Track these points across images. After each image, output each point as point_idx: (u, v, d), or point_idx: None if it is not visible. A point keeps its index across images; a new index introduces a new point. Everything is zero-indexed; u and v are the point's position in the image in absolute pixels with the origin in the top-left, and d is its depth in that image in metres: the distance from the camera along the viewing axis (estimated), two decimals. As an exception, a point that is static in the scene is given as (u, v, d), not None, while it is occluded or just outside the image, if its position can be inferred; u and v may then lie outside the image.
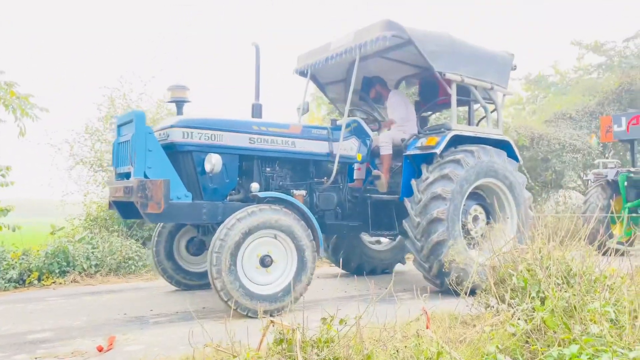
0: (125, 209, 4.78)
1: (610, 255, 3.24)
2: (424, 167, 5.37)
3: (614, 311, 2.61)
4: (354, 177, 6.04)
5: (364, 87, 6.47)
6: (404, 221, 5.28)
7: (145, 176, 4.21)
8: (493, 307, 3.49)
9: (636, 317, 2.67)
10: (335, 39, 5.70)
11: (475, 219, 5.53)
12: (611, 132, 9.87)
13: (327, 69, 6.11)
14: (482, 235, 5.33)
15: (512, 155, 5.85)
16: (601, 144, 12.55)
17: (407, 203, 5.27)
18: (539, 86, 19.90)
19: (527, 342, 2.68)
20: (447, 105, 6.17)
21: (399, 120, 6.12)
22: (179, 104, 4.85)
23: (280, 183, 5.21)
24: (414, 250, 5.20)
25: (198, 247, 5.55)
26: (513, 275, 3.25)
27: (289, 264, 4.38)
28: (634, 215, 8.87)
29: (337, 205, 5.53)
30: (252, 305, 4.08)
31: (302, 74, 6.36)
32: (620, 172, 9.25)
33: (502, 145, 5.83)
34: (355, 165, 5.94)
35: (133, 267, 6.74)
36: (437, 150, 5.24)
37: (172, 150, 4.53)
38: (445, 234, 4.98)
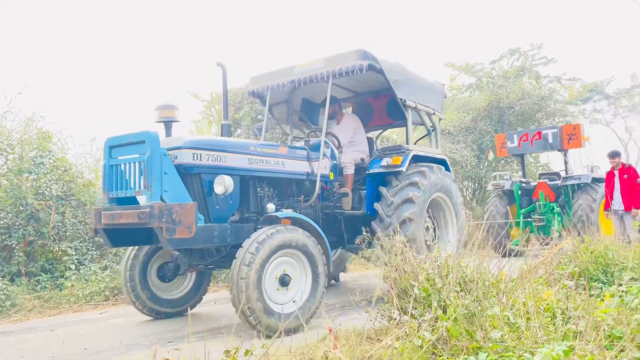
0: (117, 236, 4.43)
1: (509, 256, 3.61)
2: (391, 178, 5.80)
3: (511, 315, 2.70)
4: None
5: (304, 109, 6.79)
6: (373, 222, 5.57)
7: (162, 200, 4.03)
8: (396, 319, 3.50)
9: (529, 318, 2.78)
10: (299, 64, 5.84)
11: (427, 229, 5.91)
12: (505, 148, 10.93)
13: (272, 91, 6.19)
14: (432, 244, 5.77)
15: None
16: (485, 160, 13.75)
17: (378, 206, 5.63)
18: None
19: (434, 353, 2.67)
20: (388, 127, 7.45)
21: (359, 141, 6.44)
22: (168, 124, 4.68)
23: (269, 203, 5.16)
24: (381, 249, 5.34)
25: (172, 273, 5.27)
26: (414, 285, 3.27)
27: (304, 281, 4.43)
28: (528, 219, 9.85)
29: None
30: (272, 324, 4.01)
31: (259, 95, 6.46)
32: (514, 182, 10.21)
33: (441, 163, 6.44)
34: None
35: (-1, 307, 5.89)
36: (403, 168, 5.79)
37: (179, 173, 4.33)
38: (414, 235, 5.40)
